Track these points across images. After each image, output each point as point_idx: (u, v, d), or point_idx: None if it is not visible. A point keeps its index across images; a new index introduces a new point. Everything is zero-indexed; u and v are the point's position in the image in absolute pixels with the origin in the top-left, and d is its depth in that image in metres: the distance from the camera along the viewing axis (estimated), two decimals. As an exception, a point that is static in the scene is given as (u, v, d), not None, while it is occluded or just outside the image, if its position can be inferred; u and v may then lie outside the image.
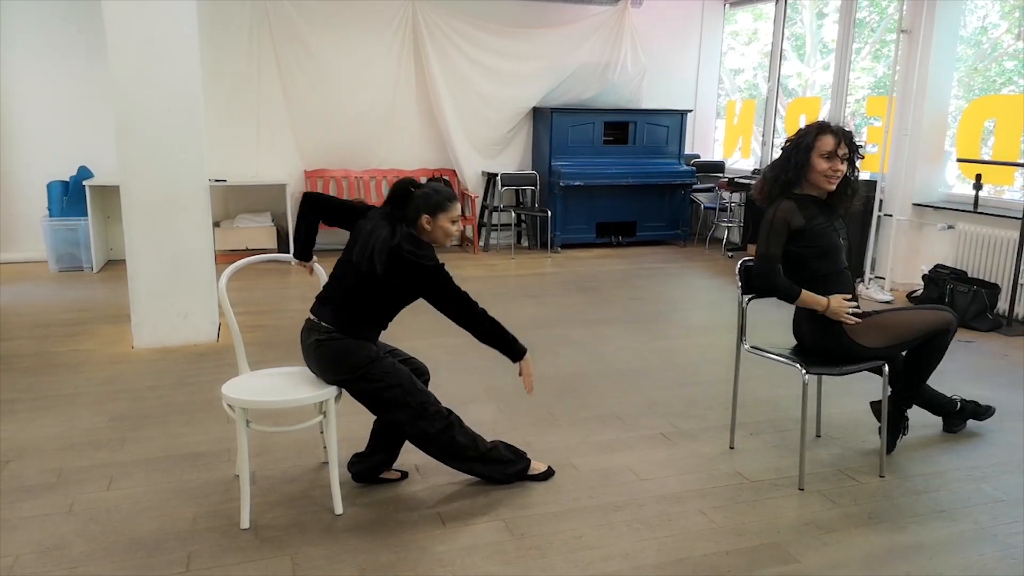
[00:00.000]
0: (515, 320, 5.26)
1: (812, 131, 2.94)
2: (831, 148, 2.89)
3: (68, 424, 3.44)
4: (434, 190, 2.75)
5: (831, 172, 2.90)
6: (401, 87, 7.61)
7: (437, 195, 2.74)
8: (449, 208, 2.74)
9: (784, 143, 3.04)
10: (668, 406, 3.76)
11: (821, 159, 2.90)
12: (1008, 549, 2.57)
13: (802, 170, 2.93)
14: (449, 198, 2.75)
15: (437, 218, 2.72)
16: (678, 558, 2.48)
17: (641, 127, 8.04)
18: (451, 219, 2.76)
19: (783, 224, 2.91)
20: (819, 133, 2.92)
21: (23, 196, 6.77)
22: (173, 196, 4.43)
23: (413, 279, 2.67)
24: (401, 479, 2.98)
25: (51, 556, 2.43)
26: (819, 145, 2.90)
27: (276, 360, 2.74)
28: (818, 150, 2.90)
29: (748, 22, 9.60)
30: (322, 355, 2.68)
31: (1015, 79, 7.78)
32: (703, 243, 8.37)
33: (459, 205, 2.83)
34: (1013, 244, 5.32)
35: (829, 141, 2.90)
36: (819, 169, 2.90)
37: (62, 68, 6.67)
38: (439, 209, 2.73)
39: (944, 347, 3.09)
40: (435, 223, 2.72)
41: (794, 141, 2.97)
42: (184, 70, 4.35)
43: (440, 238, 2.77)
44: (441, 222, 2.73)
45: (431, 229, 2.73)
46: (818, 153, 2.90)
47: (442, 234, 2.76)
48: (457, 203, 2.79)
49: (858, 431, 3.45)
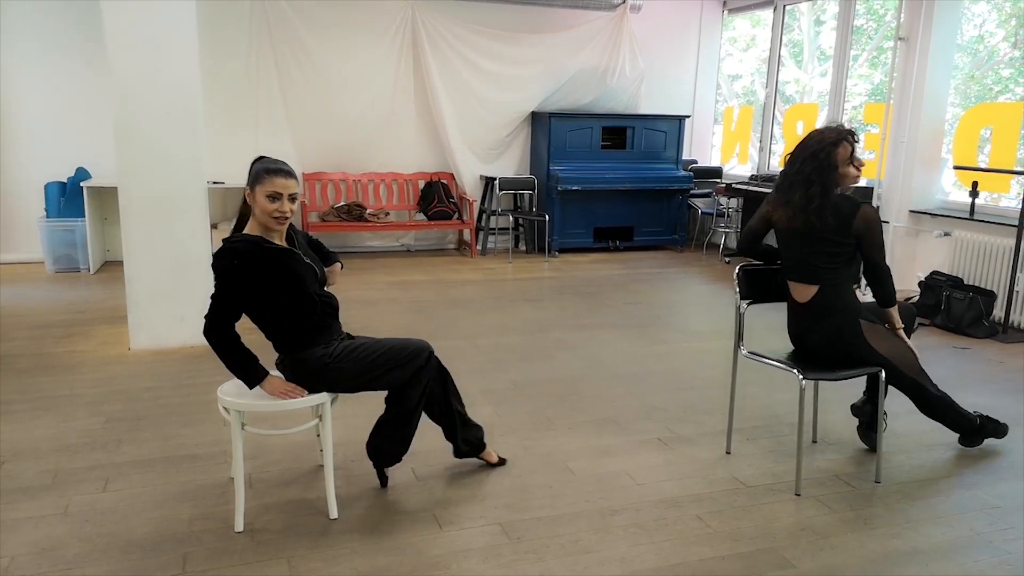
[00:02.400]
0: (512, 324, 5.31)
1: (826, 148, 2.89)
2: (850, 153, 2.92)
3: (64, 425, 3.43)
4: (262, 162, 2.55)
5: (859, 167, 2.96)
6: (400, 90, 7.63)
7: (260, 165, 2.53)
8: (264, 180, 2.48)
9: (796, 165, 2.95)
10: (665, 411, 3.76)
11: (850, 167, 2.93)
12: (1004, 555, 2.57)
13: (836, 187, 2.93)
14: (269, 169, 2.50)
15: (254, 192, 2.50)
16: (674, 563, 2.48)
17: (639, 132, 8.06)
18: (267, 193, 2.48)
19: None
20: (834, 146, 2.89)
21: (20, 197, 6.76)
22: (171, 198, 4.43)
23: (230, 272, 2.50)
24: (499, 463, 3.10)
25: (47, 557, 2.42)
26: (840, 157, 2.90)
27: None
28: (842, 162, 2.90)
29: (746, 28, 9.62)
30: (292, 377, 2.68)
31: (1012, 87, 7.81)
32: (700, 248, 8.38)
33: (283, 181, 2.51)
34: (1009, 251, 5.33)
35: (846, 148, 2.91)
36: (852, 175, 2.95)
37: (60, 69, 6.67)
38: (255, 181, 2.50)
39: (887, 388, 3.13)
40: (253, 198, 2.50)
41: (812, 167, 2.89)
42: (183, 72, 4.36)
43: (260, 216, 2.52)
44: (258, 196, 2.49)
45: (252, 206, 2.52)
46: (843, 165, 2.91)
47: (260, 211, 2.50)
48: (279, 178, 2.50)
49: (854, 437, 3.45)
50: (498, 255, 7.90)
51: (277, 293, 2.58)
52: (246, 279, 2.53)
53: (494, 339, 4.91)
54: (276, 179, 2.52)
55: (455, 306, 5.76)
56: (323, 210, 7.40)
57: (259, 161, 2.63)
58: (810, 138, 2.97)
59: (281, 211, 2.53)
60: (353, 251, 7.87)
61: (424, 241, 8.19)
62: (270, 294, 2.57)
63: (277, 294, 2.58)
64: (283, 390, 2.59)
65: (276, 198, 2.52)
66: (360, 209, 7.43)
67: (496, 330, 5.12)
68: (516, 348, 4.72)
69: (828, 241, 2.95)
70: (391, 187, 7.83)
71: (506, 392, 3.96)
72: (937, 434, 3.42)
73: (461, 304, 5.82)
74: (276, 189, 2.52)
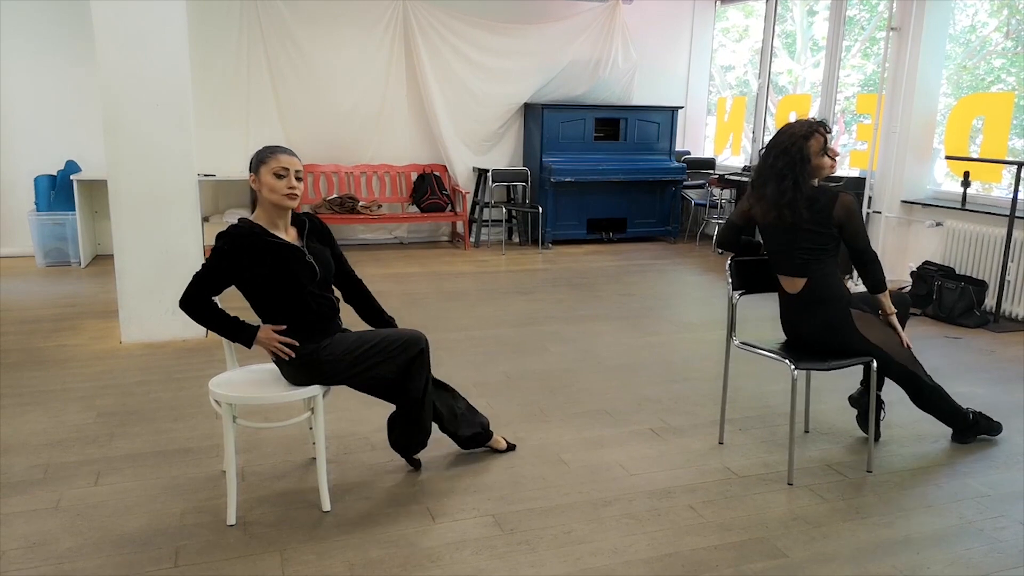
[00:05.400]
0: (506, 316, 5.30)
1: (797, 142, 2.90)
2: (822, 144, 2.93)
3: (55, 420, 3.42)
4: (263, 147, 2.61)
5: (833, 156, 2.96)
6: (392, 83, 7.60)
7: (262, 148, 2.59)
8: (269, 159, 2.53)
9: (769, 160, 2.96)
10: (658, 402, 3.77)
11: (823, 158, 2.93)
12: (994, 543, 2.58)
13: (810, 178, 2.93)
14: (272, 149, 2.56)
15: (260, 173, 2.53)
16: (667, 553, 2.48)
17: (632, 123, 8.04)
18: (273, 171, 2.52)
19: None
20: (805, 139, 2.91)
21: (10, 190, 6.72)
22: (161, 191, 4.40)
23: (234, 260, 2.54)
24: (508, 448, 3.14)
25: (38, 552, 2.41)
26: (813, 149, 2.91)
27: (264, 357, 2.73)
28: (815, 154, 2.91)
29: (739, 19, 9.61)
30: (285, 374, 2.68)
31: (1003, 77, 7.82)
32: (693, 240, 8.39)
33: (288, 158, 2.57)
34: (1000, 241, 5.35)
35: (818, 139, 2.92)
36: (827, 165, 2.95)
37: (49, 62, 6.61)
38: (259, 162, 2.53)
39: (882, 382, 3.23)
40: (259, 181, 2.53)
41: (785, 162, 2.91)
42: (172, 64, 4.32)
43: (269, 197, 2.55)
44: (264, 177, 2.53)
45: (258, 189, 2.55)
46: (816, 156, 2.91)
47: (268, 191, 2.53)
48: (283, 155, 2.55)
49: (846, 427, 3.47)
50: (491, 247, 7.89)
51: (271, 285, 2.59)
52: (235, 264, 2.56)
53: (487, 331, 4.91)
54: (280, 155, 2.56)
55: (448, 298, 5.75)
56: (315, 202, 7.37)
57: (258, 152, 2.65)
58: (781, 133, 2.98)
59: (291, 186, 2.56)
60: (346, 244, 7.82)
61: (417, 233, 8.18)
62: (264, 284, 2.59)
63: (271, 286, 2.59)
64: (276, 342, 2.58)
65: (283, 175, 2.55)
66: (352, 202, 7.41)
67: (489, 322, 5.12)
68: (509, 340, 4.72)
69: (811, 233, 2.95)
70: (383, 179, 7.81)
71: (499, 384, 3.96)
72: (929, 424, 3.44)
73: (454, 296, 5.82)
74: (282, 165, 2.55)
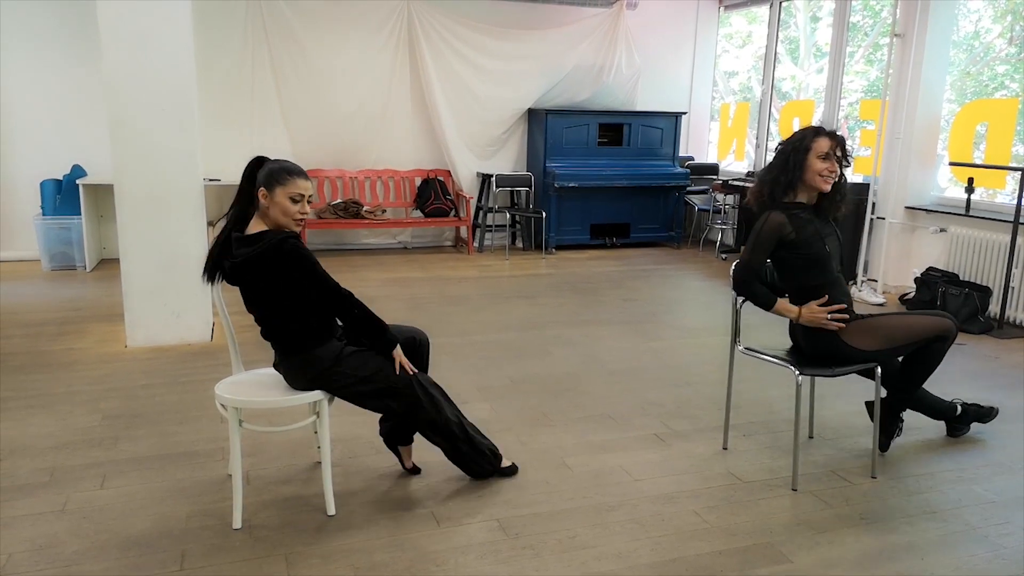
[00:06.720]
0: (509, 320, 5.31)
1: (809, 134, 3.01)
2: (827, 149, 2.96)
3: (61, 423, 3.43)
4: (278, 163, 2.61)
5: (827, 172, 2.96)
6: (396, 87, 7.62)
7: (278, 166, 2.59)
8: (287, 182, 2.55)
9: (778, 146, 3.09)
10: (662, 407, 3.77)
11: (818, 160, 2.96)
12: (999, 549, 2.58)
13: (799, 171, 2.97)
14: (291, 171, 2.58)
15: (274, 192, 2.55)
16: (671, 558, 2.48)
17: (635, 129, 8.06)
18: (289, 195, 2.55)
19: (772, 235, 2.97)
20: (816, 135, 3.00)
21: (16, 195, 6.75)
22: (167, 195, 4.42)
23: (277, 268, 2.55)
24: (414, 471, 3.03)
25: (44, 554, 2.42)
26: (816, 147, 2.97)
27: (270, 360, 2.74)
28: (815, 151, 2.96)
29: (742, 25, 9.63)
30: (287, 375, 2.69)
31: (1007, 83, 7.83)
32: (697, 245, 8.39)
33: (305, 183, 2.60)
34: (1004, 247, 5.35)
35: (825, 143, 2.97)
36: (816, 169, 2.96)
37: (55, 66, 6.65)
38: (276, 182, 2.55)
39: (941, 354, 3.08)
40: (272, 198, 2.55)
41: (791, 143, 3.03)
42: (178, 69, 4.35)
43: (278, 217, 2.57)
44: (278, 197, 2.54)
45: (268, 206, 2.56)
46: (815, 154, 2.96)
47: (279, 212, 2.56)
48: (301, 180, 2.58)
49: (851, 432, 3.47)
50: (495, 252, 7.90)
51: (308, 286, 2.60)
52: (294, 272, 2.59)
53: (491, 336, 4.91)
54: (299, 181, 2.59)
55: (452, 303, 5.76)
56: (320, 207, 7.39)
57: (271, 162, 2.65)
58: (800, 129, 3.09)
59: (303, 212, 2.62)
60: (350, 248, 7.86)
61: (421, 238, 8.19)
62: (302, 286, 2.60)
63: (308, 287, 2.60)
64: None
65: (298, 200, 2.58)
66: (357, 206, 7.43)
67: (493, 327, 5.13)
68: (513, 345, 4.72)
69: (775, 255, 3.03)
70: (388, 184, 7.83)
71: (503, 389, 3.97)
72: (932, 430, 3.44)
73: (458, 301, 5.83)
74: (299, 191, 2.58)
